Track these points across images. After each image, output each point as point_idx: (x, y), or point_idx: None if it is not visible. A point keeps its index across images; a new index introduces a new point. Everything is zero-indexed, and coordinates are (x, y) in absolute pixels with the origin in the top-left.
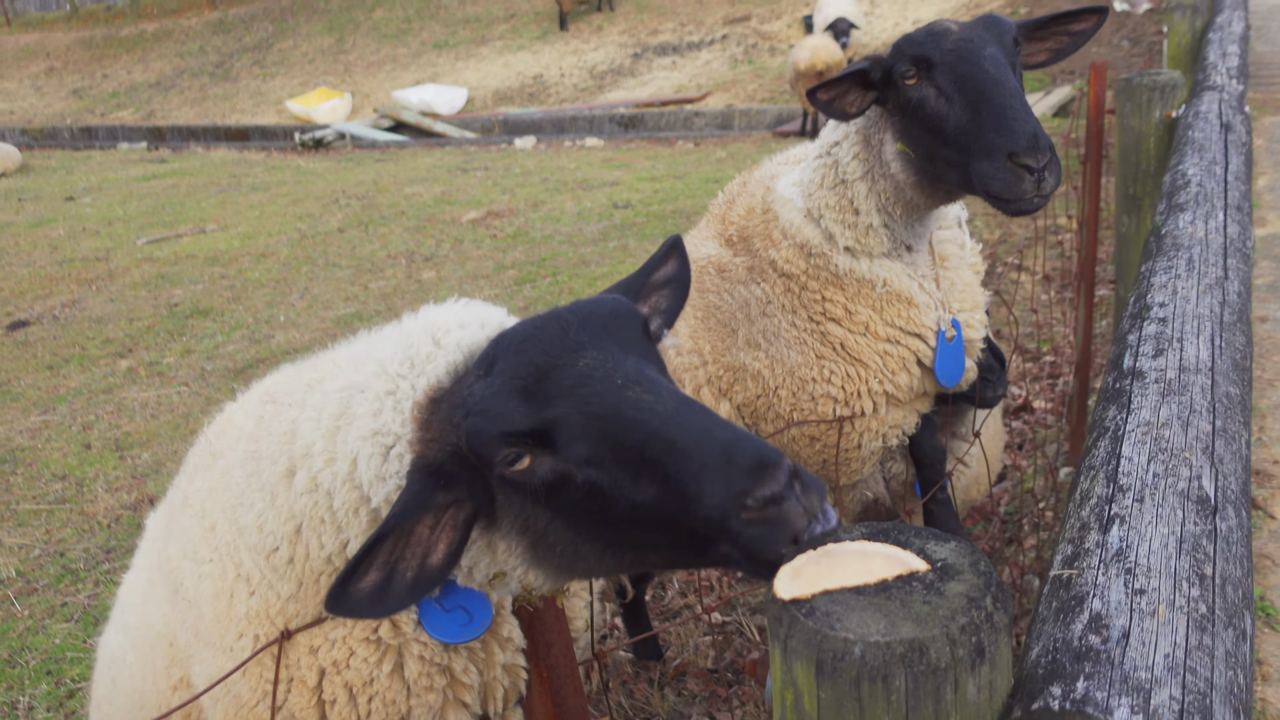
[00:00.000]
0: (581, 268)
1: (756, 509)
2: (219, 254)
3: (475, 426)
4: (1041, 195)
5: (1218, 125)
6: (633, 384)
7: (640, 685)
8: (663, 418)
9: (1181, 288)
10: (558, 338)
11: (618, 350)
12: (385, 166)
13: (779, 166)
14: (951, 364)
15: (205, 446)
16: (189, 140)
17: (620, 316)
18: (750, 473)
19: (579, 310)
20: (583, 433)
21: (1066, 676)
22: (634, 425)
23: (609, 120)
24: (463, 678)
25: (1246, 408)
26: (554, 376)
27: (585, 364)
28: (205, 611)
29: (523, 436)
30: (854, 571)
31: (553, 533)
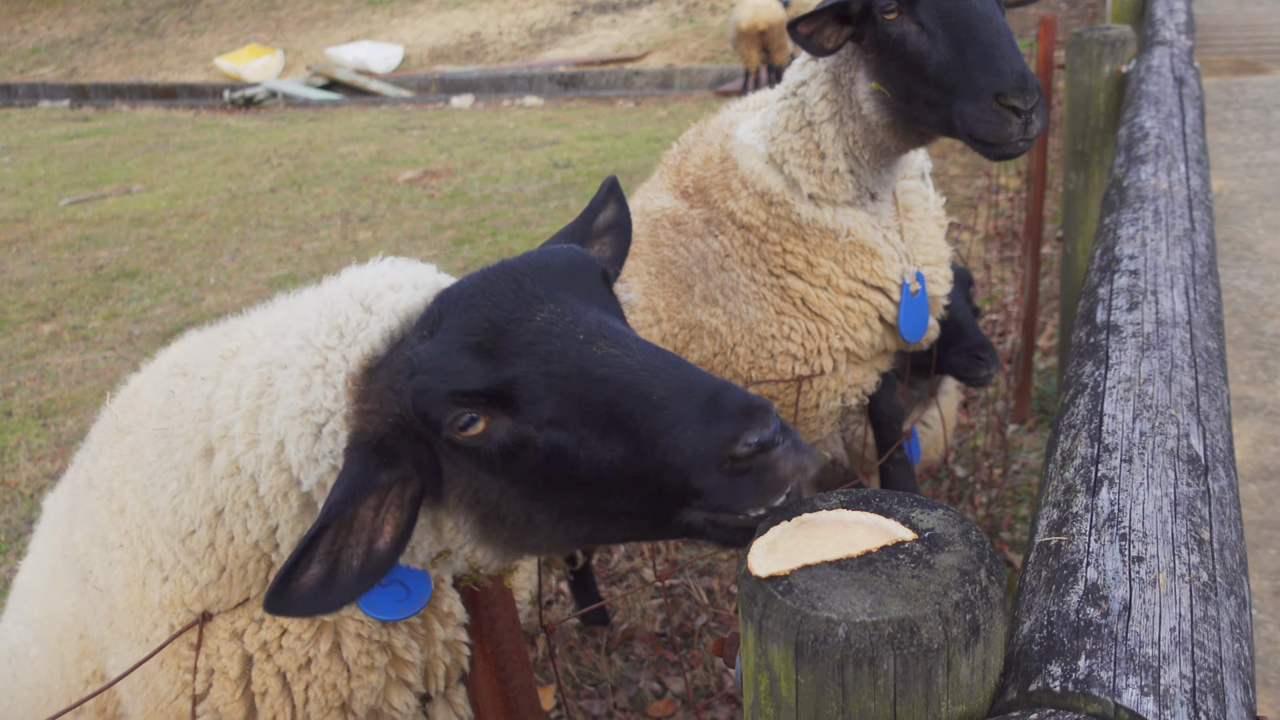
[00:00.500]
0: (522, 228)
1: (744, 456)
2: (146, 215)
3: (423, 385)
4: (1028, 138)
5: (1171, 79)
6: (597, 338)
7: (587, 651)
8: (634, 370)
9: (1151, 239)
10: (512, 291)
11: (577, 302)
12: (319, 125)
13: (737, 113)
14: (915, 318)
15: (110, 422)
16: (114, 98)
17: (577, 266)
18: (739, 417)
19: (533, 261)
20: (546, 391)
21: (1066, 654)
22: (603, 381)
23: (548, 79)
24: (405, 655)
25: (1224, 362)
26: (510, 332)
27: (543, 318)
28: (118, 601)
29: (477, 396)
30: (834, 543)
31: (505, 504)
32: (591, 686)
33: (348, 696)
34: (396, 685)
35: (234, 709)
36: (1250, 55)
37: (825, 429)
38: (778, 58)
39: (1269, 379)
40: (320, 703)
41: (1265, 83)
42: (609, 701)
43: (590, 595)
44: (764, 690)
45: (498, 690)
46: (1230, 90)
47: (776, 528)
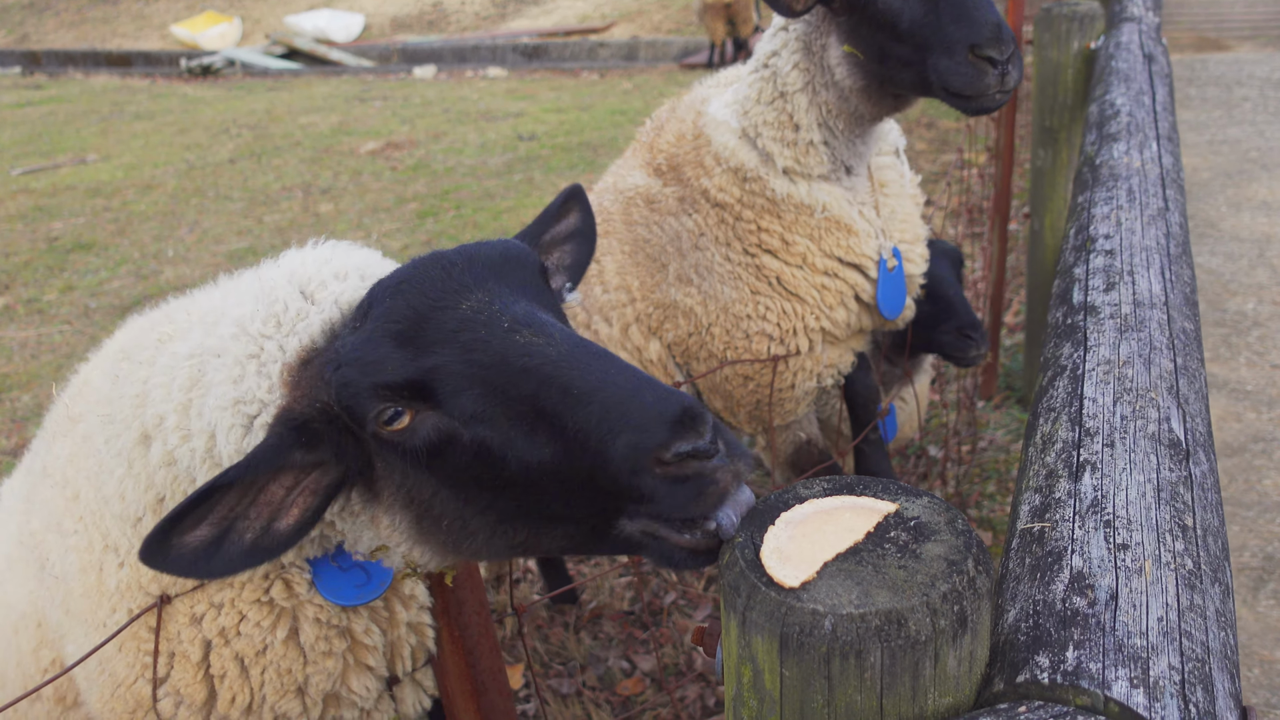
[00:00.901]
0: (486, 201)
1: (674, 464)
2: (101, 185)
3: (345, 378)
4: (1005, 90)
5: (1140, 56)
6: (521, 327)
7: (555, 630)
8: (556, 362)
9: (1125, 219)
10: (439, 280)
11: (506, 292)
12: (278, 95)
13: (710, 90)
14: (893, 294)
15: (63, 410)
16: (67, 65)
17: (512, 258)
18: (671, 424)
19: (465, 251)
20: (467, 383)
21: (1053, 644)
22: (524, 372)
23: (512, 50)
24: (364, 639)
25: (1201, 344)
26: (434, 321)
27: (469, 307)
28: (74, 587)
29: (399, 389)
30: (833, 534)
31: (439, 504)
32: (560, 665)
33: (303, 681)
34: (356, 669)
35: (195, 690)
36: (1213, 32)
37: (801, 409)
38: (743, 30)
39: (1231, 356)
40: (276, 686)
41: (1227, 59)
42: (578, 680)
43: (559, 574)
44: (747, 682)
45: (465, 673)
46: (1193, 67)
47: (769, 535)
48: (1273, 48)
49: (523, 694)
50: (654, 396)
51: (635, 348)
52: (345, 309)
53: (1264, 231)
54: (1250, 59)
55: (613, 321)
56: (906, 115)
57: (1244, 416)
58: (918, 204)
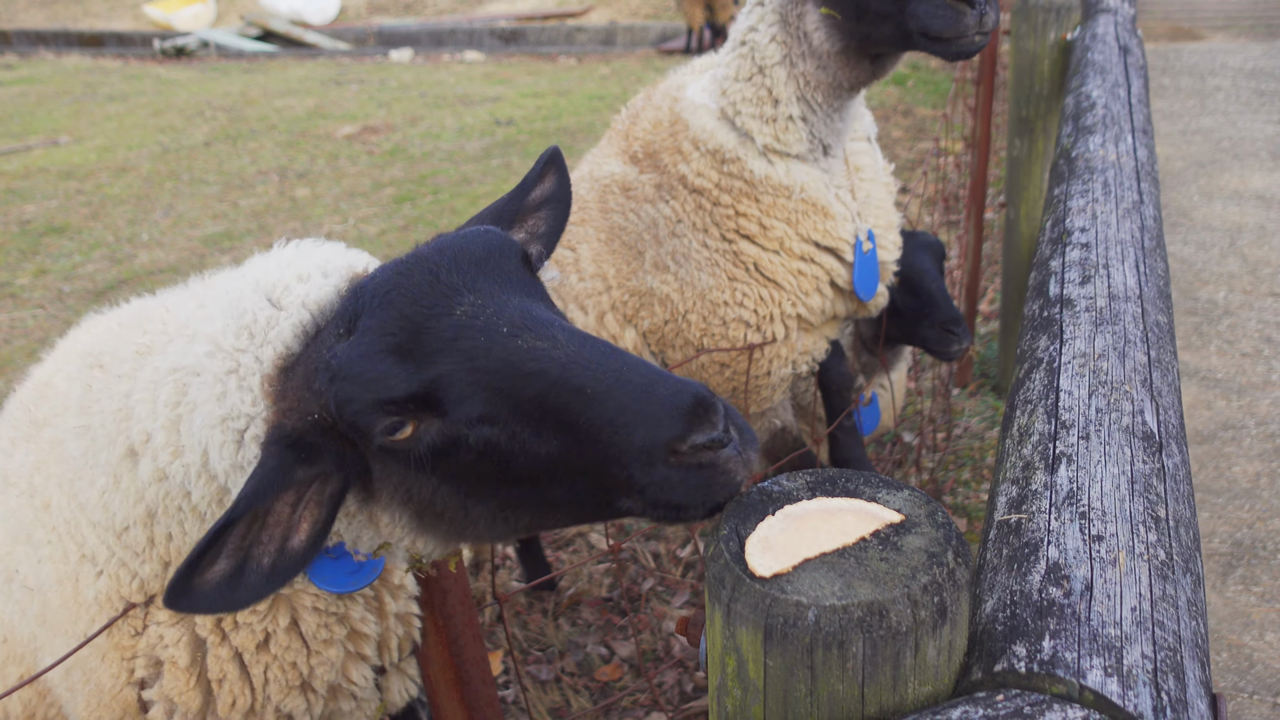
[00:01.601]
0: (464, 186)
1: (690, 454)
2: (74, 168)
3: (347, 395)
4: (983, 31)
5: (1116, 48)
6: (522, 330)
7: (534, 616)
8: (564, 364)
9: (1101, 212)
10: (428, 284)
11: (498, 291)
12: (254, 78)
13: (686, 76)
14: (868, 276)
15: (23, 415)
16: (37, 45)
17: (495, 251)
18: (686, 414)
19: (448, 249)
20: (473, 390)
21: (1030, 634)
22: (532, 376)
23: (489, 34)
24: (361, 627)
25: (1174, 337)
26: (430, 329)
27: (464, 311)
28: (51, 598)
29: (403, 403)
30: (826, 533)
31: (440, 500)
32: (539, 652)
33: (308, 674)
34: (354, 659)
35: (189, 697)
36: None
37: (776, 396)
38: (721, 16)
39: (1202, 344)
40: (281, 683)
41: (1200, 49)
42: (556, 666)
43: (537, 561)
44: (731, 672)
45: (449, 663)
46: (1167, 57)
47: (764, 524)
48: (1245, 38)
49: (502, 680)
50: (667, 390)
51: (611, 336)
52: (315, 310)
53: (1235, 221)
54: (1223, 49)
55: (588, 310)
56: (883, 103)
57: (1214, 404)
58: (891, 191)
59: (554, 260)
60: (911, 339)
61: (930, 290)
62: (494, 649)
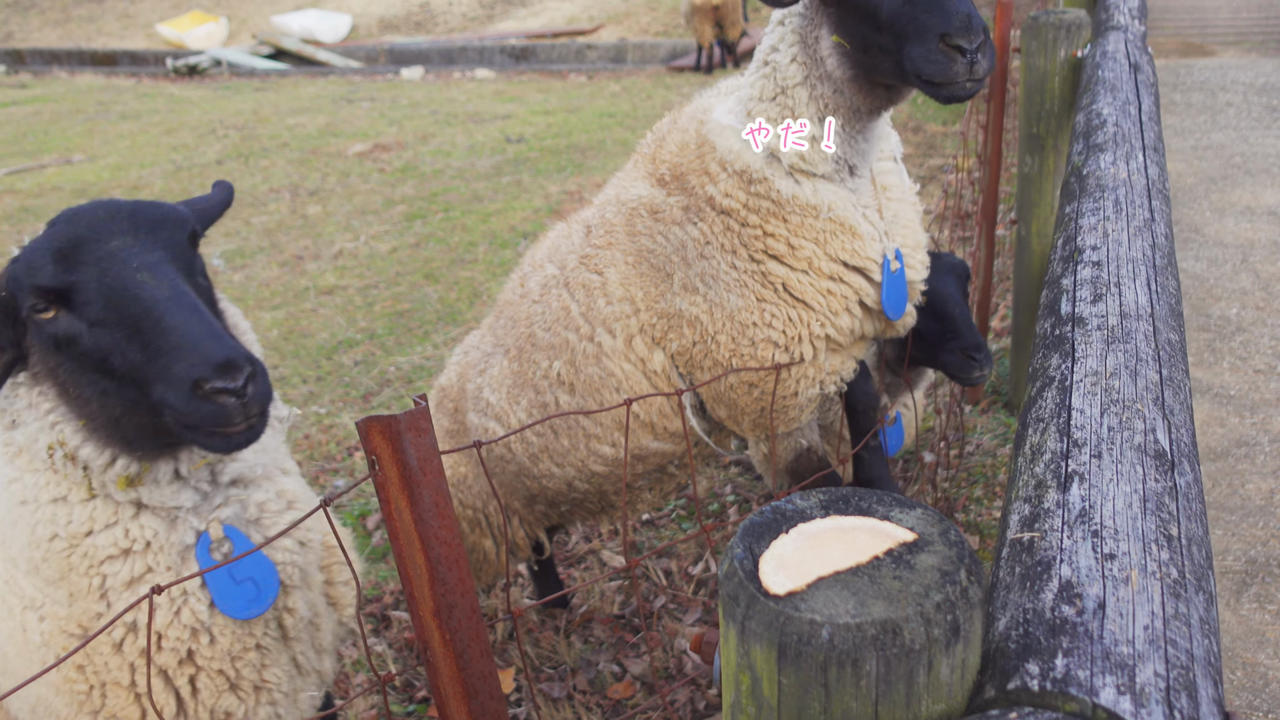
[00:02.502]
0: (475, 203)
1: (209, 393)
2: (88, 186)
3: (13, 273)
4: (974, 79)
5: (1126, 65)
6: (145, 269)
7: (546, 634)
8: (158, 300)
9: (1112, 230)
10: (103, 220)
11: (149, 244)
12: (265, 96)
13: (712, 99)
14: (896, 294)
15: None
16: (51, 64)
17: (166, 220)
18: (217, 367)
19: (132, 204)
20: (95, 298)
21: (1043, 652)
22: (134, 300)
23: (500, 51)
24: (265, 641)
25: (1186, 355)
26: (86, 248)
27: (115, 245)
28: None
29: (48, 291)
30: (840, 551)
31: (68, 378)
32: (551, 669)
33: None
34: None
35: (130, 712)
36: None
37: (804, 417)
38: (731, 33)
39: (1215, 361)
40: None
41: (1211, 65)
42: (569, 684)
43: (550, 578)
44: (745, 690)
45: (457, 675)
46: (1178, 72)
47: (778, 542)
48: (1257, 53)
49: (514, 698)
50: (213, 346)
51: (639, 359)
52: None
53: (1247, 237)
54: (1234, 64)
55: (616, 333)
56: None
57: (1227, 421)
58: (918, 211)
59: (580, 284)
60: (933, 362)
61: (953, 315)
62: (506, 667)
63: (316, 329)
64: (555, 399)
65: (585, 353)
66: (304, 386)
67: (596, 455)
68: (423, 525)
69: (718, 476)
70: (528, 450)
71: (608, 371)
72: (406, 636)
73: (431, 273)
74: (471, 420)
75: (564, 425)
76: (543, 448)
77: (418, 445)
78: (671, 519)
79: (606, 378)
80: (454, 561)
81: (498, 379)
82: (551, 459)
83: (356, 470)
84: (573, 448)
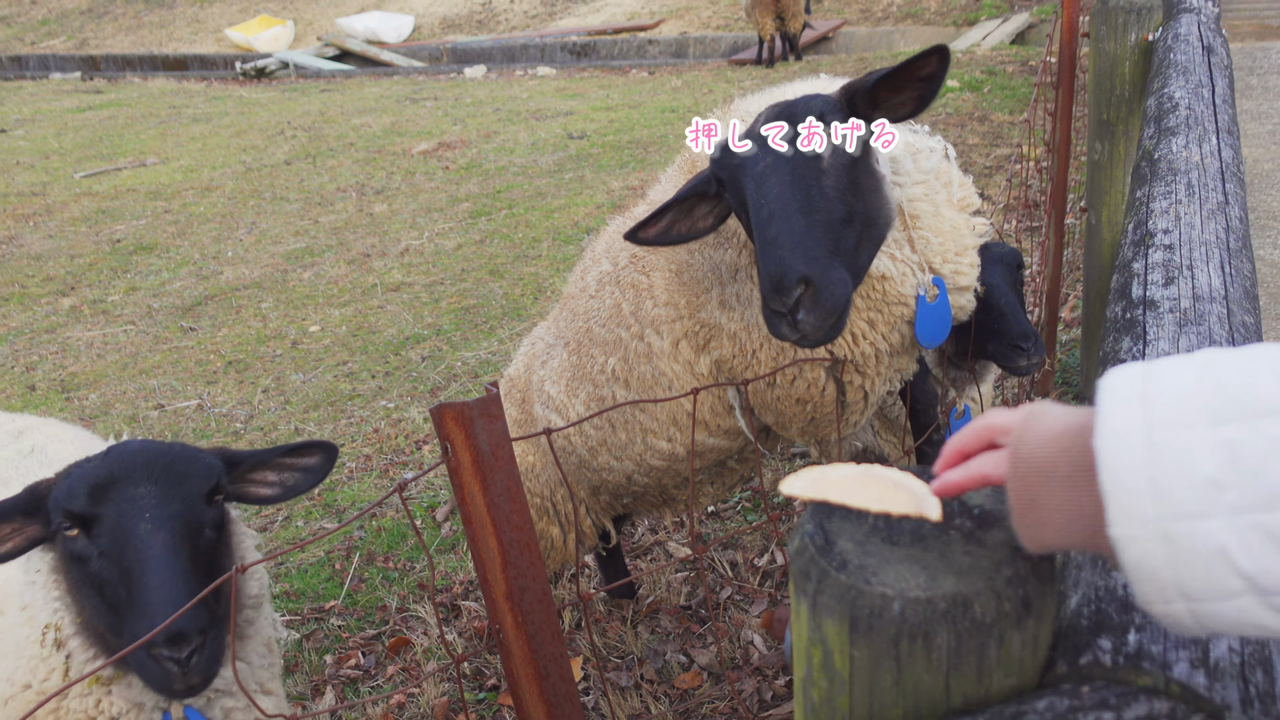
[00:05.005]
0: (538, 200)
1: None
2: (161, 188)
3: (58, 492)
4: (802, 336)
5: (1199, 47)
6: (152, 521)
7: (613, 624)
8: (146, 557)
9: (1184, 213)
10: (140, 464)
11: (168, 495)
12: (331, 97)
13: (753, 103)
14: (933, 325)
15: None
16: (125, 70)
17: (193, 474)
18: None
19: (170, 453)
20: (106, 533)
21: (1115, 628)
22: (131, 549)
23: (561, 48)
24: None
25: (1261, 337)
26: (116, 488)
27: (140, 491)
28: None
29: (75, 515)
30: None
31: (76, 587)
32: (618, 659)
33: None
34: None
35: None
36: (1275, 20)
37: (864, 418)
38: (792, 25)
39: None
40: None
41: None
42: (636, 673)
43: (617, 568)
44: (817, 663)
45: (529, 657)
46: (1254, 56)
47: (809, 470)
48: None
49: (582, 686)
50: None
51: (686, 362)
52: None
53: None
54: None
55: (664, 335)
56: (959, 109)
57: None
58: (966, 208)
59: (630, 284)
60: (983, 353)
61: (999, 306)
62: (574, 655)
63: (384, 325)
64: (612, 393)
65: (637, 351)
66: (372, 381)
67: (653, 450)
68: (495, 509)
69: (783, 468)
70: (586, 443)
71: (659, 370)
72: (476, 626)
73: (496, 269)
74: (538, 411)
75: (621, 419)
76: (600, 441)
77: (490, 431)
78: (737, 510)
79: (659, 376)
80: (525, 545)
81: (558, 371)
82: (610, 452)
83: (425, 464)
84: (630, 441)
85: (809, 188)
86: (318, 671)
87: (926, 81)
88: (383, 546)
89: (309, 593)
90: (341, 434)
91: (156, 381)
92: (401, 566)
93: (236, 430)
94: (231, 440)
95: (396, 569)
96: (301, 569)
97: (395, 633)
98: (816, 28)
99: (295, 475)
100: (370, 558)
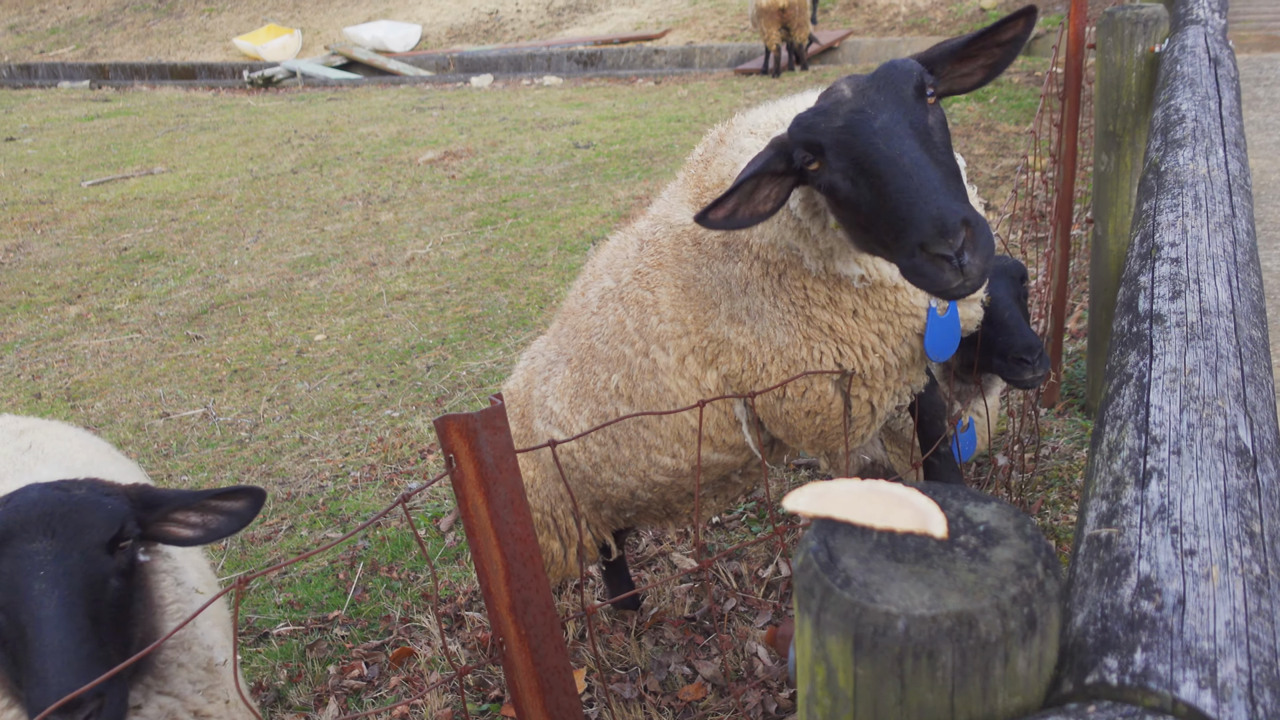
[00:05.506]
0: (544, 209)
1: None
2: (168, 196)
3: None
4: (965, 280)
5: (1206, 59)
6: (46, 580)
7: (617, 635)
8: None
9: (1191, 226)
10: (35, 519)
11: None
12: (338, 105)
13: (747, 139)
14: (942, 339)
15: None
16: (133, 78)
17: (94, 524)
18: (54, 701)
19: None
20: (3, 593)
21: (1121, 647)
22: (25, 609)
23: (567, 58)
24: None
25: (1269, 352)
26: (12, 544)
27: (34, 547)
28: None
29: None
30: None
31: None
32: (622, 670)
33: None
34: None
35: None
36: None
37: (872, 432)
38: (798, 36)
39: None
40: None
41: None
42: (639, 685)
43: (621, 579)
44: (821, 681)
45: (533, 671)
46: (1261, 67)
47: (815, 485)
48: None
49: (585, 698)
50: (61, 681)
51: (693, 377)
52: None
53: None
54: None
55: (669, 351)
56: (964, 120)
57: None
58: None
59: (634, 300)
60: (987, 366)
61: (1002, 319)
62: (577, 667)
63: (389, 334)
64: (615, 410)
65: (641, 368)
66: (377, 390)
67: (657, 466)
68: (499, 521)
69: (788, 479)
70: (590, 459)
71: (664, 387)
72: (480, 636)
73: (502, 278)
74: (538, 427)
75: (624, 435)
76: (604, 457)
77: (494, 443)
78: (742, 521)
79: (663, 393)
80: (529, 557)
81: (560, 388)
82: (614, 468)
83: (430, 473)
84: (634, 458)
85: (934, 142)
86: (321, 682)
87: (1007, 46)
88: (387, 556)
89: (313, 602)
90: (346, 443)
91: (162, 390)
92: (405, 577)
93: (241, 439)
94: (236, 449)
95: (400, 579)
96: (305, 578)
97: (399, 643)
98: (822, 39)
99: (219, 519)
100: (374, 568)
